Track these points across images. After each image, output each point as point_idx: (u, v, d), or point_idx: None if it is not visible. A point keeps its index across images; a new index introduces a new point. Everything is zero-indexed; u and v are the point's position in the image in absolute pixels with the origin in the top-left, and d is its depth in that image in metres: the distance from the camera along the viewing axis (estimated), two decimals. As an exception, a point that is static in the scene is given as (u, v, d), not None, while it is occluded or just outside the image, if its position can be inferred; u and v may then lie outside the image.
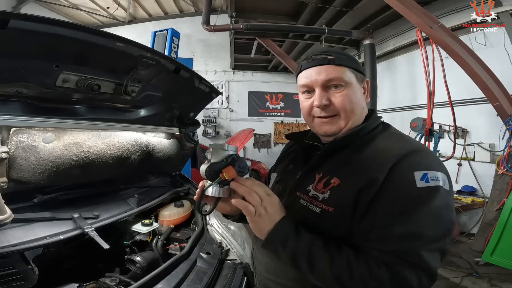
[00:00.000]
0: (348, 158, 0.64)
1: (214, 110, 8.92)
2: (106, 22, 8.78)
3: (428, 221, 0.52)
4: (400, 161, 0.56)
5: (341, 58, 0.66)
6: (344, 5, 4.94)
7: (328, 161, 0.67)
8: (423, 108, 4.35)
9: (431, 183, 0.54)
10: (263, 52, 7.41)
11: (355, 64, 0.68)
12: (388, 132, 0.68)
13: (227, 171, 0.61)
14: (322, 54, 0.67)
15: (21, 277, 0.89)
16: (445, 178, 0.57)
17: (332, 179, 0.63)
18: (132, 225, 1.47)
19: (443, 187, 0.55)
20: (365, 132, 0.67)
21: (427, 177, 0.54)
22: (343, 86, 0.65)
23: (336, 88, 0.66)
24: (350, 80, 0.66)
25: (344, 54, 0.68)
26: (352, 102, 0.66)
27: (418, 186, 0.53)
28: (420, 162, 0.57)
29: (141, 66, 1.21)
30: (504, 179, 3.12)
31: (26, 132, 1.12)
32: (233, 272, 1.25)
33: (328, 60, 0.65)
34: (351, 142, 0.66)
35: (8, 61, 0.91)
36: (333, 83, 0.65)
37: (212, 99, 1.85)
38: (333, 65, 0.65)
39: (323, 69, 0.66)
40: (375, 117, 0.71)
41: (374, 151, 0.62)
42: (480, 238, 3.18)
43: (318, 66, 0.66)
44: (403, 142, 0.63)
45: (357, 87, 0.68)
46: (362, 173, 0.58)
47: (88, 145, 1.34)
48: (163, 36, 5.01)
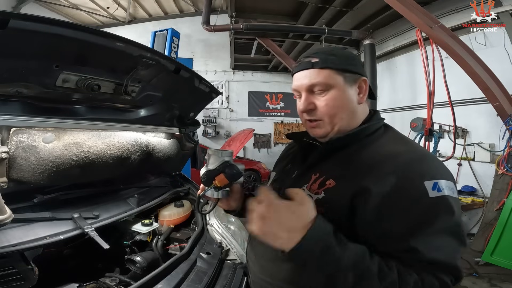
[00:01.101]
0: (346, 160, 0.63)
1: (214, 110, 8.92)
2: (106, 22, 8.78)
3: (451, 232, 0.53)
4: (407, 168, 0.55)
5: (327, 60, 0.64)
6: (344, 5, 4.94)
7: (325, 161, 0.66)
8: (423, 108, 4.35)
9: (445, 192, 0.54)
10: (263, 52, 7.41)
11: (345, 64, 0.65)
12: (390, 136, 0.66)
13: (219, 179, 0.68)
14: (308, 56, 0.66)
15: (21, 277, 0.89)
16: (452, 186, 0.56)
17: (328, 181, 0.61)
18: (132, 225, 1.47)
19: (451, 195, 0.55)
20: (366, 134, 0.65)
21: (437, 186, 0.54)
22: (326, 90, 0.64)
23: (320, 93, 0.64)
24: (335, 83, 0.64)
25: (333, 54, 0.65)
26: (335, 107, 0.64)
27: (431, 196, 0.53)
28: (427, 170, 0.56)
29: (141, 66, 1.21)
30: (504, 179, 3.12)
31: (26, 132, 1.12)
32: (233, 272, 1.25)
33: (312, 63, 0.64)
34: (349, 143, 0.65)
35: (8, 61, 0.91)
36: (317, 88, 0.64)
37: (212, 99, 1.85)
38: (317, 69, 0.64)
39: (307, 74, 0.65)
40: (377, 118, 0.69)
41: (375, 155, 0.60)
42: (480, 238, 3.18)
43: (303, 70, 0.66)
44: (407, 147, 0.61)
45: (344, 89, 0.64)
46: (361, 177, 0.56)
47: (88, 145, 1.34)
48: (163, 36, 5.01)
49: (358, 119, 0.68)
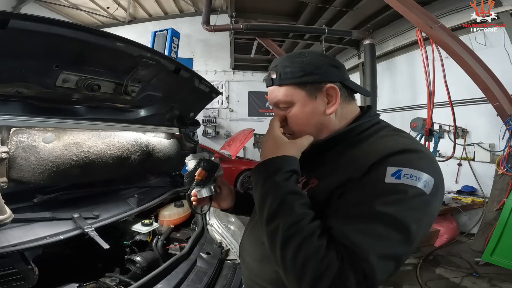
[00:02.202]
0: (330, 159, 0.61)
1: (214, 110, 8.92)
2: (106, 22, 8.78)
3: (388, 223, 0.46)
4: (383, 159, 0.51)
5: (285, 74, 0.61)
6: (344, 5, 4.95)
7: (312, 162, 0.65)
8: (423, 108, 4.35)
9: (402, 180, 0.48)
10: (263, 52, 7.42)
11: (302, 76, 0.60)
12: (381, 133, 0.61)
13: (198, 173, 0.77)
14: (271, 71, 0.65)
15: (21, 277, 0.89)
16: (429, 181, 0.49)
17: (311, 180, 0.61)
18: (132, 225, 1.47)
19: (419, 188, 0.48)
20: (355, 133, 0.62)
21: (400, 173, 0.48)
22: (289, 107, 0.63)
23: (284, 110, 0.64)
24: (294, 100, 0.61)
25: (289, 66, 0.61)
26: (299, 124, 0.63)
27: (386, 181, 0.48)
28: (401, 160, 0.50)
29: (141, 66, 1.21)
30: (504, 179, 3.12)
31: (26, 132, 1.12)
32: (233, 272, 1.25)
33: (271, 80, 0.63)
34: (337, 143, 0.62)
35: (8, 61, 0.91)
36: (280, 105, 0.64)
37: (212, 99, 1.85)
38: (276, 86, 0.63)
39: (271, 90, 0.65)
40: (370, 115, 0.65)
41: (359, 152, 0.57)
42: (480, 238, 3.18)
43: (269, 86, 0.65)
44: (394, 142, 0.55)
45: (306, 103, 0.61)
46: (340, 173, 0.55)
47: (88, 145, 1.34)
48: (163, 36, 5.02)
49: (337, 124, 0.64)
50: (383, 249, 0.46)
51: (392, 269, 0.47)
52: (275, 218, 0.51)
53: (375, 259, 0.44)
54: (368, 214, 0.47)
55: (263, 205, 0.54)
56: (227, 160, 6.29)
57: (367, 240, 0.46)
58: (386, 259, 0.46)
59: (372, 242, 0.45)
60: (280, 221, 0.50)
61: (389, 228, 0.46)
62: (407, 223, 0.46)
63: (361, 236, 0.46)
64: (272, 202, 0.52)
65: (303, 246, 0.47)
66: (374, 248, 0.45)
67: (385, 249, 0.46)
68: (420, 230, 0.48)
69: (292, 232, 0.48)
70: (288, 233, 0.49)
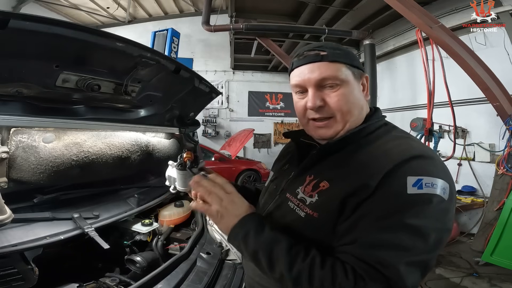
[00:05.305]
0: (342, 161, 0.59)
1: (214, 110, 8.92)
2: (106, 22, 8.78)
3: (414, 232, 0.47)
4: (398, 166, 0.51)
5: (336, 54, 0.60)
6: (344, 5, 4.95)
7: (321, 163, 0.63)
8: (423, 108, 4.35)
9: (425, 190, 0.48)
10: (263, 52, 7.42)
11: (352, 59, 0.62)
12: (390, 135, 0.61)
13: (186, 155, 0.89)
14: (314, 49, 0.61)
15: (21, 277, 0.89)
16: (446, 187, 0.51)
17: (322, 183, 0.59)
18: (132, 225, 1.47)
19: (439, 195, 0.49)
20: (364, 134, 0.61)
21: (421, 183, 0.49)
22: (338, 85, 0.59)
23: (331, 88, 0.60)
24: (347, 78, 0.60)
25: (339, 49, 0.62)
26: (349, 102, 0.60)
27: (409, 192, 0.48)
28: (418, 167, 0.51)
29: (141, 66, 1.21)
30: (504, 179, 3.12)
31: (26, 132, 1.12)
32: (233, 272, 1.25)
33: (321, 56, 0.59)
34: (348, 144, 0.61)
35: (8, 61, 0.91)
36: (328, 82, 0.59)
37: (212, 99, 1.85)
38: (326, 62, 0.59)
39: (316, 67, 0.60)
40: (378, 116, 0.65)
41: (371, 155, 0.56)
42: (480, 238, 3.18)
43: (311, 63, 0.60)
44: (406, 146, 0.55)
45: (354, 85, 0.61)
46: (353, 178, 0.54)
47: (88, 145, 1.34)
48: (163, 36, 5.02)
49: (362, 117, 0.64)
50: (411, 257, 0.47)
51: (419, 276, 0.48)
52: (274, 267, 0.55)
53: (403, 267, 0.46)
54: (397, 227, 0.48)
55: (258, 261, 0.57)
56: (227, 160, 6.30)
57: (395, 253, 0.47)
58: (414, 267, 0.47)
59: (400, 253, 0.47)
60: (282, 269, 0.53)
61: (418, 239, 0.47)
62: (434, 232, 0.48)
63: (389, 249, 0.47)
64: (262, 257, 0.56)
65: (312, 281, 0.50)
66: (402, 259, 0.46)
67: (413, 257, 0.47)
68: (444, 235, 0.51)
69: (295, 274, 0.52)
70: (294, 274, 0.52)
